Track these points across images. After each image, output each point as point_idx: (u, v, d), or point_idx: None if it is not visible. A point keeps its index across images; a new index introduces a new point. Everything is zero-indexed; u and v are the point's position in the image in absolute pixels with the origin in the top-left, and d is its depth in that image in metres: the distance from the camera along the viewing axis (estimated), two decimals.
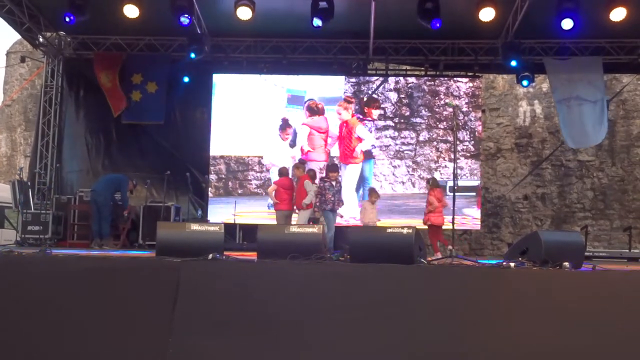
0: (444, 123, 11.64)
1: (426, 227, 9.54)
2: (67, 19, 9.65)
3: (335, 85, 11.79)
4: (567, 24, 9.36)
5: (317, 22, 9.50)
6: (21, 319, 4.21)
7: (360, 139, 11.52)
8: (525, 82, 11.50)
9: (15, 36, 17.03)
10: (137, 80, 11.53)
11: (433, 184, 10.02)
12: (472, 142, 11.68)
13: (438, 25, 9.49)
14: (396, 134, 11.69)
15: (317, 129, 11.53)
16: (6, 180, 17.26)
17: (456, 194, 7.08)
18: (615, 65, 11.69)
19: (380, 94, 11.77)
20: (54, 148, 11.84)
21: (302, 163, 10.43)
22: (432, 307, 4.06)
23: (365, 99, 11.70)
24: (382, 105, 11.76)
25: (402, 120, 11.73)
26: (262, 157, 11.67)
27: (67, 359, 4.10)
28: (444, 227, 9.69)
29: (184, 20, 9.67)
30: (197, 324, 4.09)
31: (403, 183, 11.19)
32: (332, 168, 9.93)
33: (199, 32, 10.77)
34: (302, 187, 9.29)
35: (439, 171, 11.54)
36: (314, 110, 11.60)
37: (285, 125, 11.64)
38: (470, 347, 3.92)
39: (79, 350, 4.10)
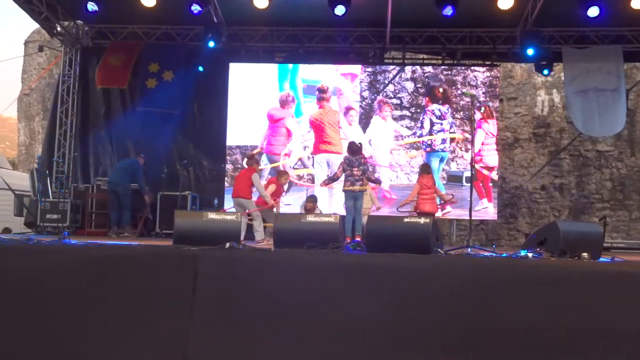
0: (461, 113, 11.57)
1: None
2: (91, 8, 9.68)
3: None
4: (593, 11, 9.27)
5: (340, 9, 9.44)
6: (40, 307, 4.26)
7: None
8: (545, 71, 11.41)
9: (34, 25, 17.10)
10: (153, 69, 11.52)
11: (423, 170, 9.81)
12: None
13: (450, 13, 9.40)
14: (412, 123, 11.64)
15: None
16: (25, 168, 17.46)
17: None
18: (636, 54, 11.47)
19: (396, 84, 11.71)
20: (71, 137, 11.91)
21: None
22: (449, 297, 4.04)
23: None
24: (399, 95, 11.70)
25: (418, 110, 11.66)
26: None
27: (87, 346, 4.15)
28: (459, 218, 9.61)
29: (195, 8, 9.66)
30: (216, 313, 4.11)
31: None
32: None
33: (215, 21, 10.77)
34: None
35: (456, 161, 11.48)
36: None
37: None
38: (485, 337, 3.90)
39: (98, 338, 4.14)
